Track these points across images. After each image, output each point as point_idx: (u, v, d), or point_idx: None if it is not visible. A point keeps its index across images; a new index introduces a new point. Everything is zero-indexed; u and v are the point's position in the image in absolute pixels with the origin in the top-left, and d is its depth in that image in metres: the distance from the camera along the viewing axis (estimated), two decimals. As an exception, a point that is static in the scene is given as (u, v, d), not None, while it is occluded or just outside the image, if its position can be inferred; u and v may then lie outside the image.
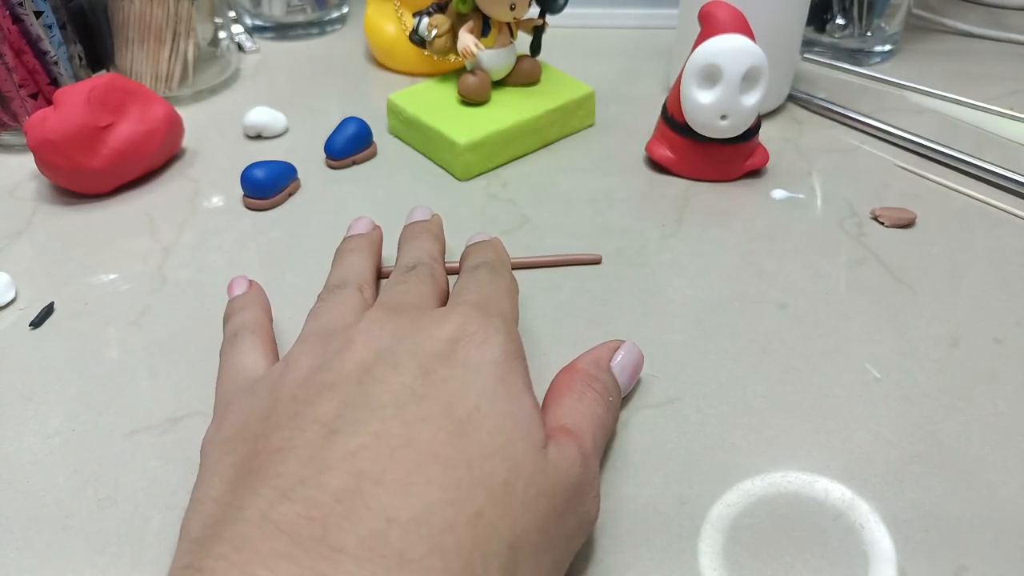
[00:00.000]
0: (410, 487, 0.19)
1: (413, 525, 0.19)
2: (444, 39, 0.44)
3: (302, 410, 0.22)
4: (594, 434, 0.25)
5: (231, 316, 0.31)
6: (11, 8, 0.42)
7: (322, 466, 0.20)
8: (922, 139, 0.45)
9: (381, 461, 0.20)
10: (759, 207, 0.41)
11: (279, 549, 0.18)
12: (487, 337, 0.24)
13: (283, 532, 0.18)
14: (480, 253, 0.31)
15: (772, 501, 0.27)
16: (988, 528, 0.26)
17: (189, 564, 0.19)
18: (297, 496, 0.19)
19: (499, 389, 0.22)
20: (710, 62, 0.39)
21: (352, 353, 0.23)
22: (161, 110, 0.42)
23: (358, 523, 0.18)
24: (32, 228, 0.40)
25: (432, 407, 0.21)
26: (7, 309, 0.35)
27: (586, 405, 0.26)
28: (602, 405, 0.27)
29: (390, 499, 0.19)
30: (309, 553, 0.18)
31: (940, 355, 0.32)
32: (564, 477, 0.22)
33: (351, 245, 0.33)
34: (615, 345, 0.29)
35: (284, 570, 0.18)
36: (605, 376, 0.28)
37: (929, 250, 0.38)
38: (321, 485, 0.19)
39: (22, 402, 0.31)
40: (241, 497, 0.20)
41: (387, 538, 0.18)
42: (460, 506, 0.19)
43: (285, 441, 0.21)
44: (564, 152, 0.46)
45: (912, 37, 0.57)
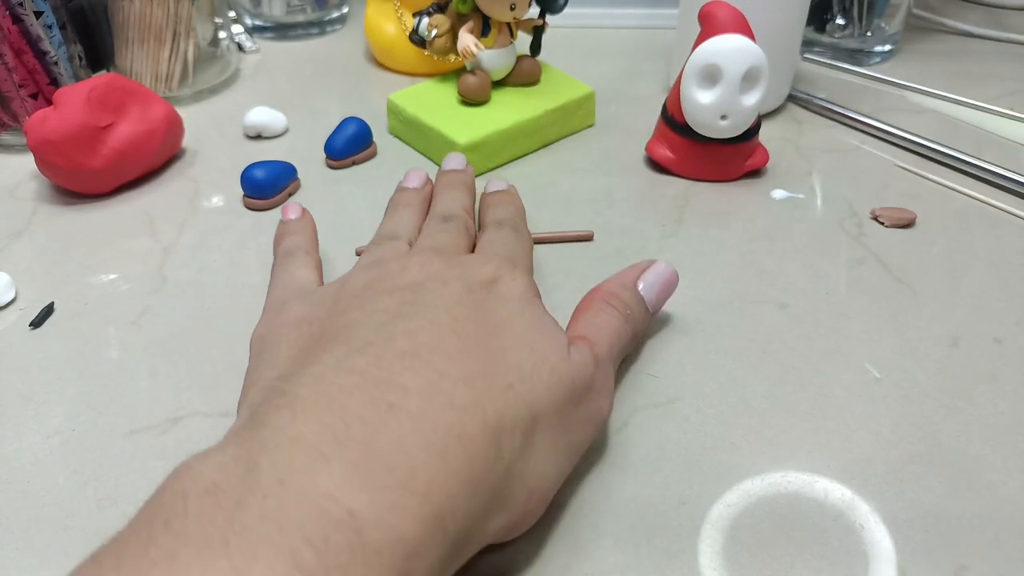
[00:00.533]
0: (458, 357, 0.23)
1: (461, 383, 0.22)
2: (444, 39, 0.44)
3: (365, 304, 0.26)
4: (609, 343, 0.28)
5: (285, 236, 0.34)
6: (11, 8, 0.43)
7: (388, 335, 0.24)
8: (922, 139, 0.45)
9: (435, 339, 0.24)
10: (759, 207, 0.41)
11: (353, 382, 0.22)
12: (515, 279, 0.28)
13: (356, 373, 0.22)
14: (503, 208, 0.34)
15: (772, 501, 0.27)
16: (988, 528, 0.26)
17: (272, 389, 0.22)
18: (368, 352, 0.23)
19: (527, 308, 0.27)
20: (710, 62, 0.39)
21: (407, 273, 0.27)
22: (161, 110, 0.42)
23: (418, 374, 0.22)
24: (32, 228, 0.40)
25: (475, 311, 0.25)
26: (7, 309, 0.35)
27: (602, 319, 0.29)
28: (619, 319, 0.29)
29: (443, 363, 0.23)
30: (379, 387, 0.22)
31: (940, 355, 0.32)
32: (580, 372, 0.25)
33: (405, 199, 0.35)
34: (644, 265, 0.31)
35: (358, 396, 0.21)
36: (627, 294, 0.30)
37: (929, 250, 0.38)
38: (387, 347, 0.23)
39: (22, 402, 0.31)
40: (316, 354, 0.23)
41: (440, 386, 0.22)
42: (495, 378, 0.23)
43: (352, 321, 0.25)
44: (564, 152, 0.46)
45: (912, 37, 0.57)
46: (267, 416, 0.21)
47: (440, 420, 0.21)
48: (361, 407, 0.21)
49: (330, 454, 0.20)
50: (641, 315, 0.30)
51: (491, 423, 0.22)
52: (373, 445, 0.20)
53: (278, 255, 0.33)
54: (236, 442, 0.21)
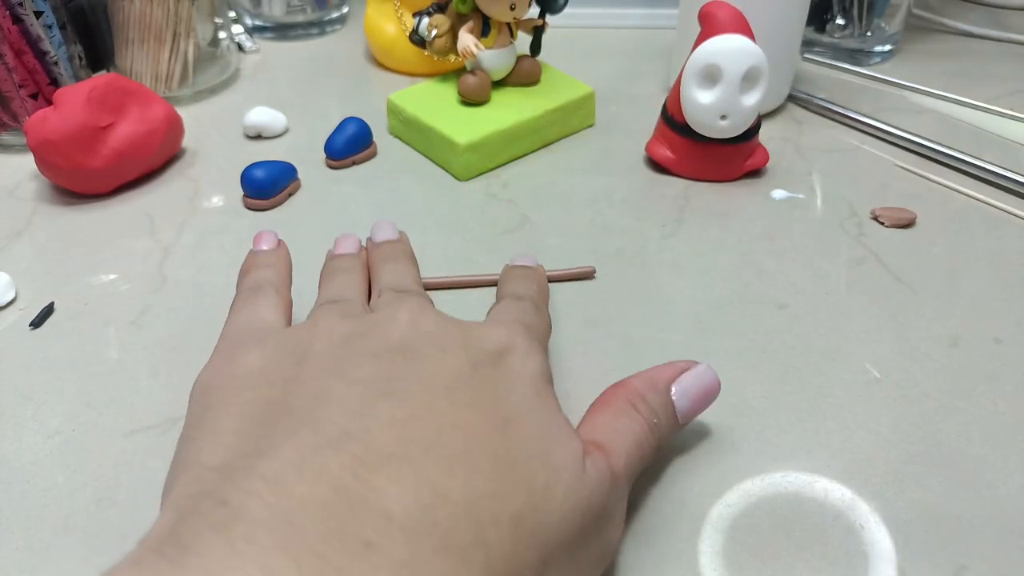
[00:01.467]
0: (458, 468, 0.18)
1: (461, 508, 0.17)
2: (444, 39, 0.44)
3: (344, 367, 0.21)
4: (628, 454, 0.23)
5: (253, 269, 0.29)
6: (11, 8, 0.43)
7: (369, 425, 0.19)
8: (922, 139, 0.45)
9: (430, 436, 0.19)
10: (759, 207, 0.41)
11: (320, 498, 0.17)
12: (531, 354, 0.23)
13: (325, 482, 0.17)
14: (525, 284, 0.29)
15: (772, 501, 0.27)
16: (988, 528, 0.26)
17: (210, 493, 0.17)
18: (342, 448, 0.18)
19: (538, 401, 0.22)
20: (710, 62, 0.39)
21: (396, 327, 0.22)
22: (161, 110, 0.42)
23: (406, 491, 0.17)
24: (32, 228, 0.40)
25: (479, 398, 0.20)
26: (7, 309, 0.35)
27: (623, 424, 0.24)
28: (643, 427, 0.24)
29: (439, 475, 0.18)
30: (354, 510, 0.17)
31: (940, 355, 0.32)
32: (596, 495, 0.21)
33: (342, 265, 0.30)
34: (684, 366, 0.26)
35: (325, 523, 0.16)
36: (655, 397, 0.25)
37: (929, 250, 0.38)
38: (368, 443, 0.18)
39: (22, 402, 0.31)
40: (272, 436, 0.19)
41: (435, 516, 0.17)
42: (504, 502, 0.18)
43: (325, 391, 0.20)
44: (564, 152, 0.46)
45: (912, 37, 0.57)
46: (199, 538, 0.16)
47: (430, 573, 0.16)
48: (327, 544, 0.16)
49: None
50: (668, 425, 0.25)
51: (497, 574, 0.17)
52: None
53: (242, 289, 0.28)
54: (158, 566, 0.16)
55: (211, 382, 0.23)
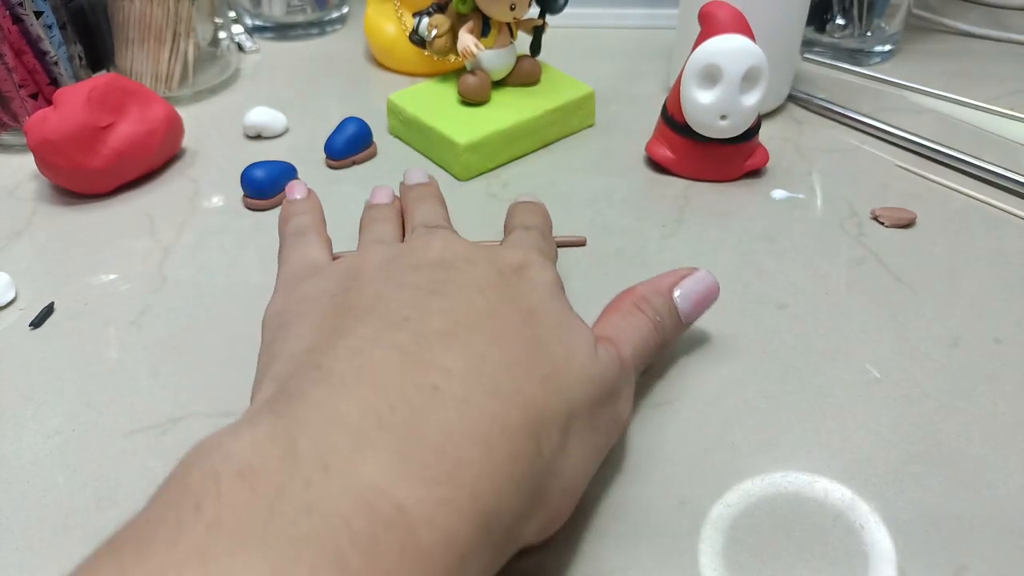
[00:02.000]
0: (496, 341, 0.22)
1: (503, 367, 0.22)
2: (444, 39, 0.44)
3: (393, 277, 0.25)
4: (635, 348, 0.27)
5: (293, 216, 0.32)
6: (11, 8, 0.43)
7: (423, 312, 0.23)
8: (922, 139, 0.45)
9: (472, 319, 0.23)
10: (759, 207, 0.41)
11: (394, 357, 0.21)
12: (545, 267, 0.27)
13: (395, 349, 0.21)
14: (531, 215, 0.33)
15: (772, 501, 0.27)
16: (988, 528, 0.26)
17: (303, 363, 0.21)
18: (405, 327, 0.22)
19: (555, 302, 0.26)
20: (710, 62, 0.39)
21: (431, 249, 0.26)
22: (161, 110, 0.42)
23: (460, 355, 0.21)
24: (32, 228, 0.40)
25: (507, 295, 0.24)
26: (7, 309, 0.35)
27: (630, 323, 0.28)
28: (648, 325, 0.28)
29: (482, 346, 0.22)
30: (421, 366, 0.21)
31: (940, 355, 0.32)
32: (608, 373, 0.25)
33: (379, 214, 0.33)
34: (685, 272, 0.30)
35: (401, 374, 0.20)
36: (659, 300, 0.29)
37: (929, 250, 0.38)
38: (424, 324, 0.22)
39: (22, 402, 0.31)
40: (348, 325, 0.22)
41: (483, 370, 0.21)
42: (534, 367, 0.22)
43: (382, 293, 0.24)
44: (564, 152, 0.46)
45: (912, 37, 0.57)
46: (302, 390, 0.20)
47: (484, 409, 0.20)
48: (405, 387, 0.20)
49: (375, 438, 0.18)
50: (672, 325, 0.29)
51: (532, 416, 0.21)
52: (419, 431, 0.19)
53: (287, 235, 0.31)
54: (269, 418, 0.19)
55: (280, 307, 0.26)
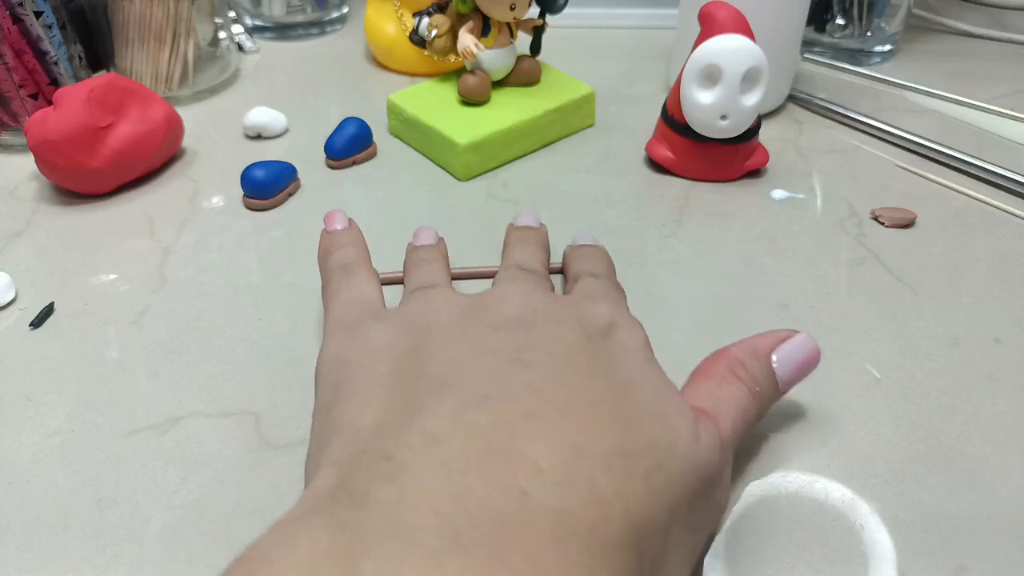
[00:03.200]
0: (592, 428, 0.19)
1: (600, 462, 0.18)
2: (444, 39, 0.44)
3: (470, 338, 0.22)
4: (734, 421, 0.24)
5: (336, 248, 0.30)
6: (11, 8, 0.43)
7: (507, 385, 0.20)
8: (922, 139, 0.45)
9: (561, 398, 0.20)
10: (759, 207, 0.41)
11: (475, 450, 0.18)
12: (635, 327, 0.25)
13: (477, 436, 0.18)
14: (596, 262, 0.31)
15: (772, 501, 0.27)
16: (988, 528, 0.26)
17: (371, 449, 0.19)
18: (486, 407, 0.19)
19: (649, 369, 0.23)
20: (710, 62, 0.39)
21: (509, 303, 0.24)
22: (161, 110, 0.42)
23: (550, 446, 0.18)
24: (32, 228, 0.40)
25: (598, 363, 0.22)
26: (7, 309, 0.35)
27: (725, 391, 0.25)
28: (746, 395, 0.25)
29: (576, 433, 0.19)
30: (507, 461, 0.18)
31: (940, 355, 0.32)
32: (711, 458, 0.22)
33: (426, 255, 0.30)
34: (784, 335, 0.27)
35: (483, 473, 0.17)
36: (756, 365, 0.26)
37: (929, 250, 0.38)
38: (509, 402, 0.19)
39: (22, 402, 0.31)
40: (421, 399, 0.20)
41: (578, 468, 0.18)
42: (635, 459, 0.19)
43: (458, 359, 0.21)
44: (564, 152, 0.46)
45: (912, 37, 0.57)
46: (368, 490, 0.17)
47: (583, 522, 0.17)
48: (488, 491, 0.17)
49: (449, 565, 0.16)
50: (770, 393, 0.26)
51: (636, 523, 0.18)
52: (503, 554, 0.16)
53: (331, 270, 0.29)
54: (329, 527, 0.16)
55: (343, 356, 0.24)
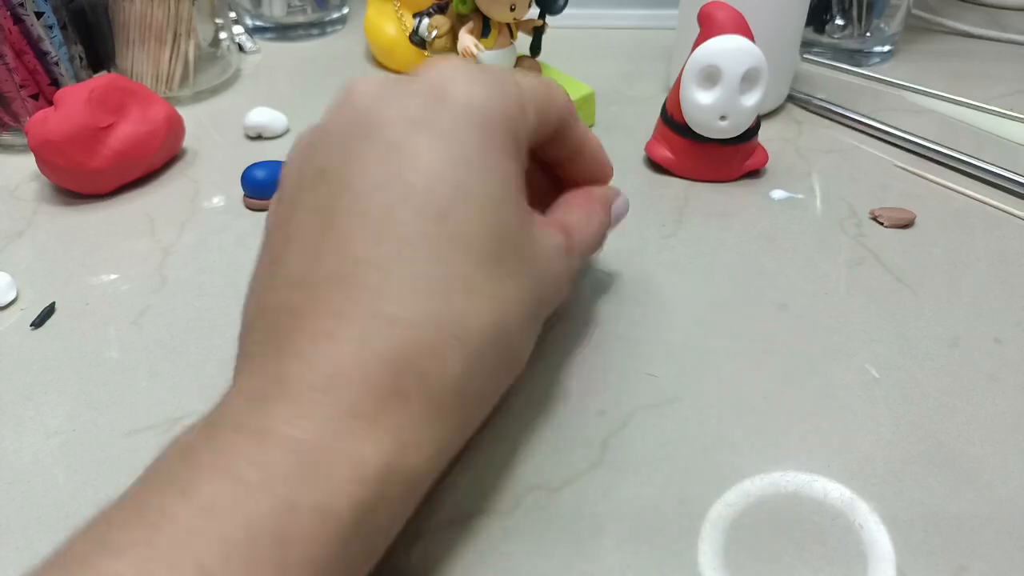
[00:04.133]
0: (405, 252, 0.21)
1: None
2: (444, 40, 0.44)
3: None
4: (583, 238, 0.28)
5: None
6: (12, 9, 0.43)
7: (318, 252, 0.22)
8: (922, 139, 0.45)
9: (371, 243, 0.21)
10: (759, 207, 0.41)
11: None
12: (468, 92, 0.24)
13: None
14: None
15: (772, 501, 0.27)
16: (988, 528, 0.26)
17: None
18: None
19: (471, 150, 0.23)
20: (710, 63, 0.39)
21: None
22: (162, 110, 0.42)
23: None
24: (33, 228, 0.40)
25: (417, 182, 0.22)
26: (8, 309, 0.35)
27: (583, 214, 0.29)
28: (603, 222, 0.30)
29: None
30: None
31: (940, 355, 0.32)
32: (543, 250, 0.25)
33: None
34: (616, 190, 0.32)
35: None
36: (604, 206, 0.31)
37: (929, 250, 0.38)
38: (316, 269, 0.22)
39: (22, 402, 0.31)
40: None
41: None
42: (453, 271, 0.21)
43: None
44: (564, 152, 0.46)
45: (911, 37, 0.57)
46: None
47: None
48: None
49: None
50: (605, 231, 0.32)
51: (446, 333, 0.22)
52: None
53: None
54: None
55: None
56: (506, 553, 0.25)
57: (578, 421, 0.29)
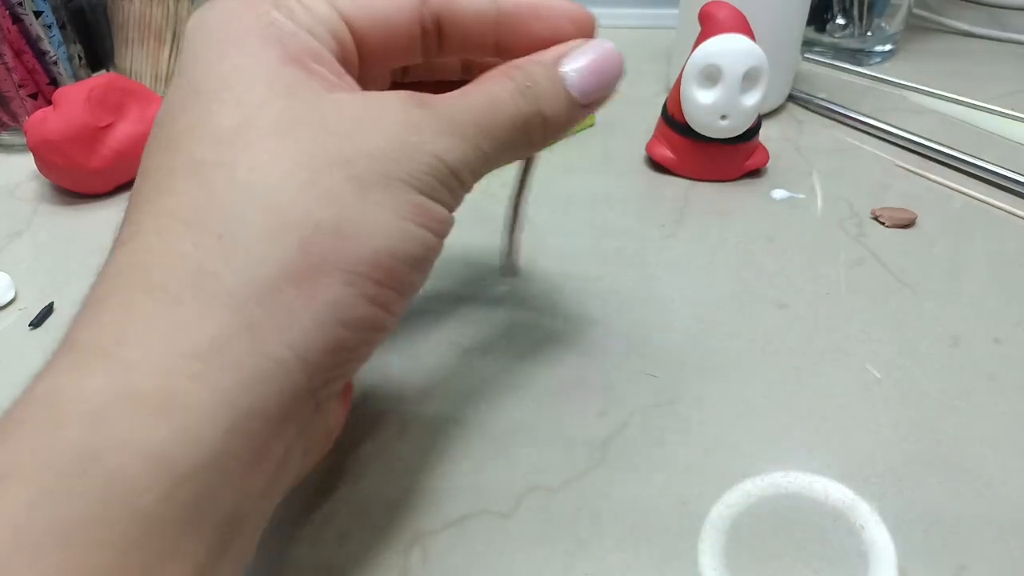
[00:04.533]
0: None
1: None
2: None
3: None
4: (471, 106, 0.20)
5: None
6: (11, 8, 0.42)
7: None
8: (922, 139, 0.45)
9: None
10: (759, 207, 0.41)
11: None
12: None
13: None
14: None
15: (772, 501, 0.27)
16: (988, 528, 0.26)
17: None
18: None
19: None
20: (710, 62, 0.39)
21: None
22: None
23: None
24: (32, 228, 0.40)
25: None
26: (7, 309, 0.35)
27: (480, 86, 0.21)
28: (509, 89, 0.21)
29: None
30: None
31: (940, 355, 0.32)
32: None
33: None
34: (576, 42, 0.23)
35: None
36: (536, 68, 0.22)
37: (929, 250, 0.38)
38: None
39: (22, 402, 0.30)
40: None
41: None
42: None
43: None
44: (564, 152, 0.46)
45: (912, 37, 0.57)
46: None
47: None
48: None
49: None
50: (553, 95, 0.22)
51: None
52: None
53: None
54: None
55: None
56: (506, 553, 0.25)
57: (578, 421, 0.29)
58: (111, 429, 0.16)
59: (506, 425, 0.29)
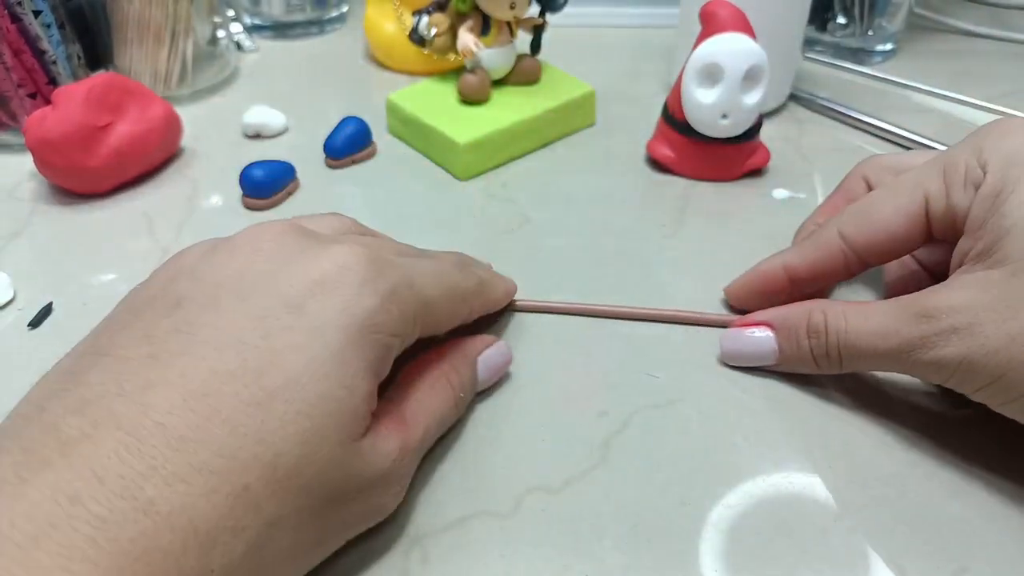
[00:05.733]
0: (188, 441, 0.19)
1: (173, 478, 0.18)
2: (444, 38, 0.44)
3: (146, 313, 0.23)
4: (426, 430, 0.26)
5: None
6: (9, 7, 0.42)
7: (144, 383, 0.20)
8: (924, 139, 0.44)
9: (178, 405, 0.20)
10: (760, 207, 0.41)
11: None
12: (356, 294, 0.22)
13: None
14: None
15: (773, 502, 0.26)
16: (988, 528, 0.26)
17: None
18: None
19: (333, 365, 0.21)
20: (711, 61, 0.39)
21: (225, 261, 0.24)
22: (160, 109, 0.42)
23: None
24: (31, 228, 0.40)
25: (248, 362, 0.20)
26: (5, 309, 0.35)
27: (433, 400, 0.26)
28: (450, 403, 0.27)
29: (165, 450, 0.19)
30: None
31: (941, 355, 0.32)
32: (368, 469, 0.22)
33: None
34: (488, 341, 0.30)
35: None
36: (466, 372, 0.28)
37: (930, 250, 0.38)
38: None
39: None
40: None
41: (142, 487, 0.18)
42: (227, 477, 0.19)
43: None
44: (564, 152, 0.46)
45: (914, 36, 0.57)
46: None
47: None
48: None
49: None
50: (469, 397, 0.29)
51: (202, 541, 0.19)
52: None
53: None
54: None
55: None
56: (506, 554, 0.25)
57: (579, 422, 0.29)
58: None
59: (506, 425, 0.29)
